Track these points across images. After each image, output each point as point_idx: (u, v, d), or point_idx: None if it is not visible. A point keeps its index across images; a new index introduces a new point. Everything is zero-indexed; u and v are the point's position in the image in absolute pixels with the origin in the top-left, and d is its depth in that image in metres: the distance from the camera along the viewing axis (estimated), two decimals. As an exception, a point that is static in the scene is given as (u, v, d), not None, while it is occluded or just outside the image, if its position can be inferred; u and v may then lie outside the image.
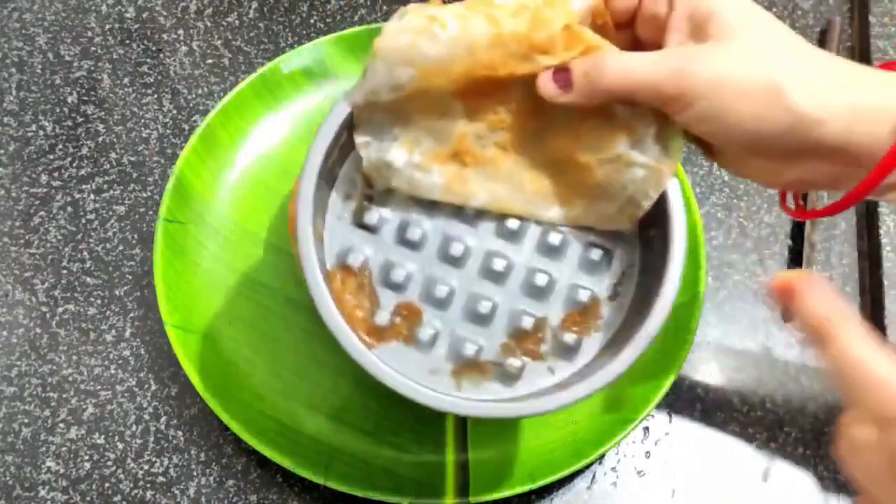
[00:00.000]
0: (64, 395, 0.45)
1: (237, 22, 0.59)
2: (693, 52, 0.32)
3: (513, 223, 0.37)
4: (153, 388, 0.45)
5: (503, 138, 0.37)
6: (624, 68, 0.32)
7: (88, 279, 0.48)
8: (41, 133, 0.54)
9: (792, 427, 0.45)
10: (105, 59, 0.57)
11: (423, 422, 0.44)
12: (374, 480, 0.41)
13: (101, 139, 0.54)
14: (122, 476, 0.42)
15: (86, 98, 0.55)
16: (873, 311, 0.49)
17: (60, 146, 0.53)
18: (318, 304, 0.33)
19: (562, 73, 0.34)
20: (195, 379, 0.42)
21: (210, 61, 0.57)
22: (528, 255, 0.37)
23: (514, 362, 0.35)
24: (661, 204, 0.36)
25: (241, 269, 0.48)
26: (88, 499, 0.42)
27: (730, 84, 0.31)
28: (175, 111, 0.55)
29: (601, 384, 0.33)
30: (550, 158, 0.37)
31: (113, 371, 0.45)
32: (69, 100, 0.55)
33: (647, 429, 0.45)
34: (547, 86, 0.34)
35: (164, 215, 0.47)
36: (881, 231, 0.50)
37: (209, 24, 0.59)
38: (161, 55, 0.57)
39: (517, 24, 0.34)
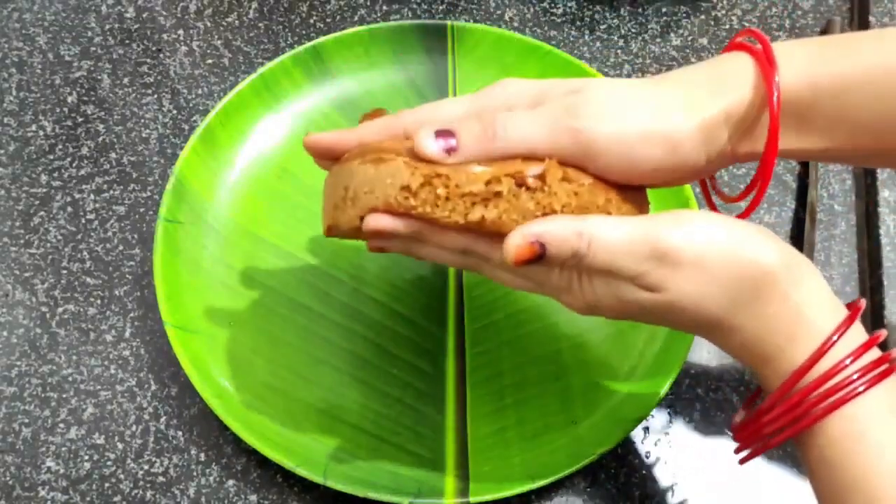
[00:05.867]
0: (64, 395, 0.45)
1: (237, 22, 0.59)
2: (571, 110, 0.33)
3: None
4: (153, 388, 0.45)
5: None
6: (514, 131, 0.33)
7: (88, 279, 0.48)
8: (41, 133, 0.54)
9: (792, 427, 0.45)
10: (105, 59, 0.57)
11: (423, 422, 0.44)
12: (374, 480, 0.41)
13: (101, 139, 0.53)
14: (122, 476, 0.42)
15: (86, 98, 0.55)
16: (873, 311, 0.49)
17: (60, 146, 0.53)
18: None
19: (444, 133, 0.33)
20: (195, 379, 0.42)
21: (210, 61, 0.57)
22: None
23: None
24: None
25: (241, 269, 0.48)
26: (88, 499, 0.42)
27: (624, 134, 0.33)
28: (175, 111, 0.55)
29: None
30: None
31: (113, 371, 0.45)
32: (69, 100, 0.55)
33: (647, 429, 0.45)
34: (429, 148, 0.32)
35: (164, 215, 0.47)
36: (881, 231, 0.50)
37: (209, 24, 0.59)
38: (161, 55, 0.57)
39: None
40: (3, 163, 0.52)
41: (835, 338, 0.31)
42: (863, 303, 0.32)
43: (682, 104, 0.33)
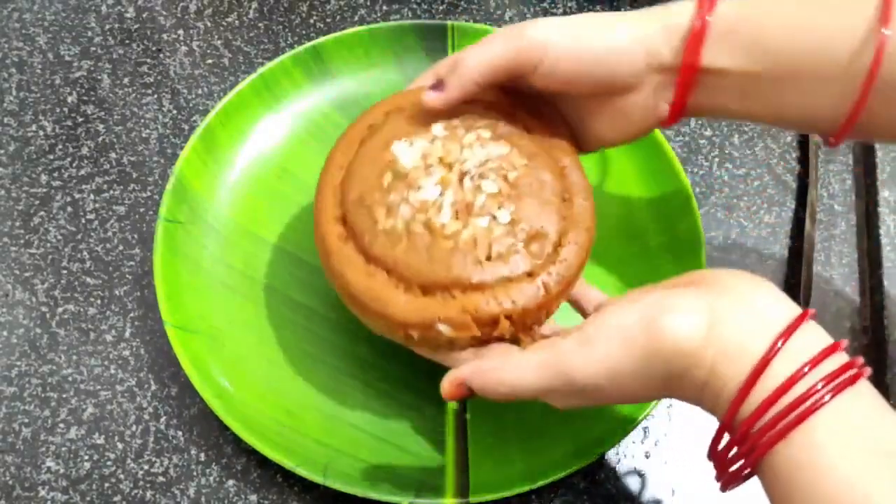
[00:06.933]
0: (64, 395, 0.45)
1: (237, 22, 0.59)
2: (523, 24, 0.39)
3: None
4: (153, 388, 0.45)
5: None
6: (475, 51, 0.39)
7: (88, 279, 0.48)
8: (41, 133, 0.54)
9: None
10: (105, 59, 0.57)
11: (423, 422, 0.44)
12: (374, 480, 0.41)
13: (101, 139, 0.54)
14: (122, 476, 0.42)
15: (86, 98, 0.55)
16: (873, 312, 0.49)
17: (60, 146, 0.53)
18: None
19: (435, 85, 0.40)
20: (195, 379, 0.42)
21: (210, 61, 0.57)
22: None
23: None
24: None
25: (241, 269, 0.48)
26: (88, 499, 0.42)
27: (557, 40, 0.38)
28: (175, 111, 0.55)
29: None
30: None
31: (113, 371, 0.45)
32: (69, 100, 0.55)
33: (646, 429, 0.45)
34: (429, 98, 0.40)
35: (164, 215, 0.47)
36: (881, 231, 0.50)
37: (209, 24, 0.59)
38: (161, 55, 0.57)
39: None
40: (3, 163, 0.52)
41: (779, 344, 0.30)
42: (811, 310, 0.31)
43: (624, 18, 0.38)
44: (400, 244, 0.38)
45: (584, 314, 0.41)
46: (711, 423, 0.45)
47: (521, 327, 0.38)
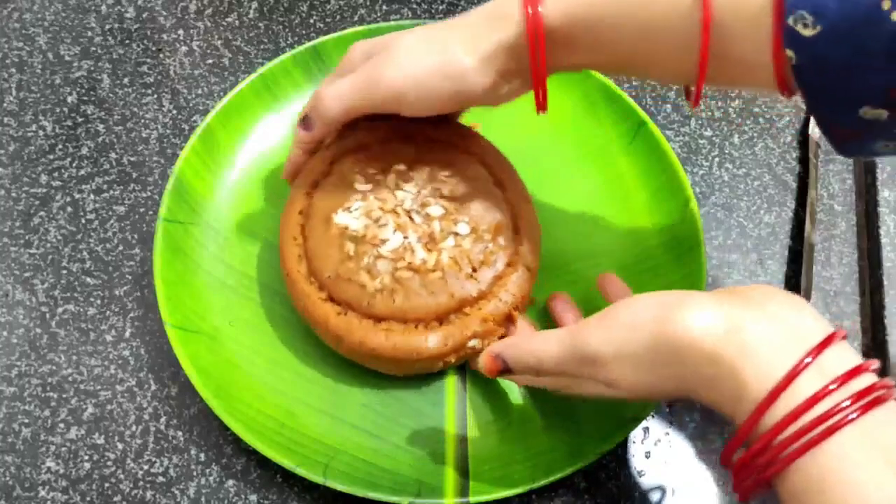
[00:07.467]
0: (64, 395, 0.45)
1: (237, 22, 0.59)
2: (376, 67, 0.41)
3: None
4: (153, 388, 0.45)
5: None
6: (335, 96, 0.41)
7: (88, 279, 0.48)
8: (41, 133, 0.54)
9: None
10: (105, 59, 0.57)
11: (423, 421, 0.44)
12: (374, 480, 0.41)
13: (101, 139, 0.54)
14: (122, 476, 0.42)
15: (86, 98, 0.55)
16: (873, 311, 0.49)
17: (60, 146, 0.53)
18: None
19: (305, 125, 0.44)
20: (195, 379, 0.42)
21: (210, 61, 0.57)
22: None
23: None
24: None
25: (241, 269, 0.48)
26: (88, 499, 0.42)
27: (408, 91, 0.40)
28: (175, 111, 0.55)
29: None
30: None
31: (113, 371, 0.45)
32: (69, 100, 0.55)
33: (646, 429, 0.45)
34: (300, 135, 0.44)
35: (164, 215, 0.47)
36: (881, 231, 0.50)
37: (209, 24, 0.59)
38: (161, 55, 0.57)
39: None
40: (3, 163, 0.52)
41: (807, 360, 0.29)
42: (843, 331, 0.31)
43: (466, 42, 0.39)
44: (398, 295, 0.41)
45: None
46: (712, 425, 0.45)
47: (524, 307, 0.44)
